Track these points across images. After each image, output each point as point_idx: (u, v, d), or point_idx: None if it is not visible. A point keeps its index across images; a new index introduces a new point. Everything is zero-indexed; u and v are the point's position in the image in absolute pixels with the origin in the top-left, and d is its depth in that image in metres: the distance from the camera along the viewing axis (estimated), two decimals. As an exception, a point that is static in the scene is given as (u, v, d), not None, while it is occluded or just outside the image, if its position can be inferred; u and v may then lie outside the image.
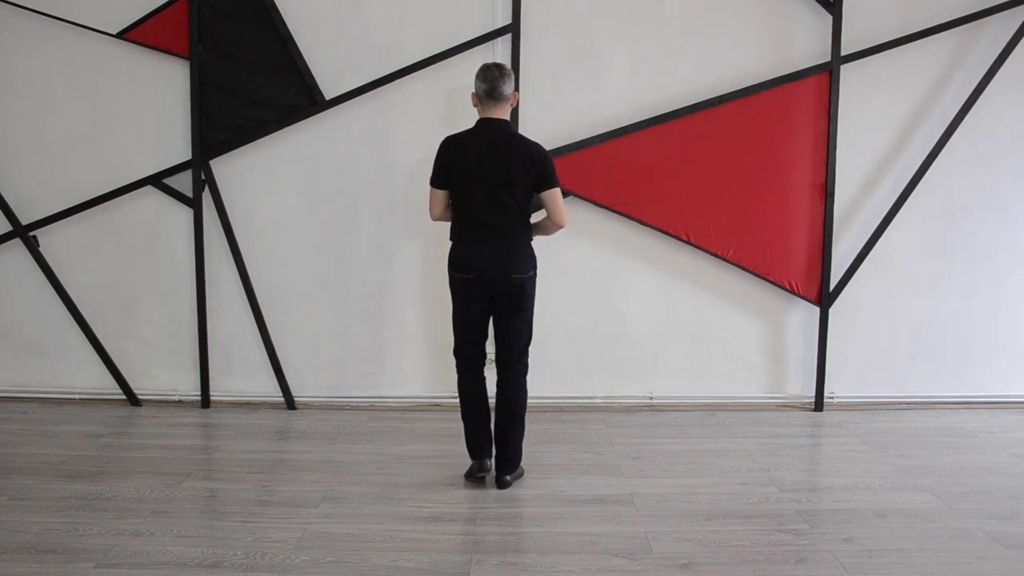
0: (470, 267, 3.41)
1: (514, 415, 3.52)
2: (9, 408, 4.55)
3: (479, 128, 3.42)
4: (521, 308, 3.46)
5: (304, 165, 4.52)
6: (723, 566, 2.87)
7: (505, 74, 3.39)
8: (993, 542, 3.05)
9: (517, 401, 3.53)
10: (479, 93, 3.40)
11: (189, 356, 4.66)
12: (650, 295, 4.65)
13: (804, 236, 4.56)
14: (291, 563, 2.87)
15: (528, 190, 3.40)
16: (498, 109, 3.40)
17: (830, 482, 3.66)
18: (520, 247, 3.43)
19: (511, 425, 3.52)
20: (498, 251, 3.39)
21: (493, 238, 3.39)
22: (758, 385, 4.73)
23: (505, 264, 3.38)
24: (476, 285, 3.42)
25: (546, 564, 2.88)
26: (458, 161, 3.39)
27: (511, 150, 3.36)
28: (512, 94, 3.42)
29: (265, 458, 3.89)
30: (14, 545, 2.96)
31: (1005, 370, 4.73)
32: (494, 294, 3.43)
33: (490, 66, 3.42)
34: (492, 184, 3.35)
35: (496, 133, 3.39)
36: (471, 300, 3.46)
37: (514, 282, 3.40)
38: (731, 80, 4.47)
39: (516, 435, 3.54)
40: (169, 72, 4.45)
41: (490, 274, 3.39)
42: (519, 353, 3.52)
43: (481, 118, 3.43)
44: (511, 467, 3.55)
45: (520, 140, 3.43)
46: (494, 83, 3.36)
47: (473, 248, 3.41)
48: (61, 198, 4.53)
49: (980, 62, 4.48)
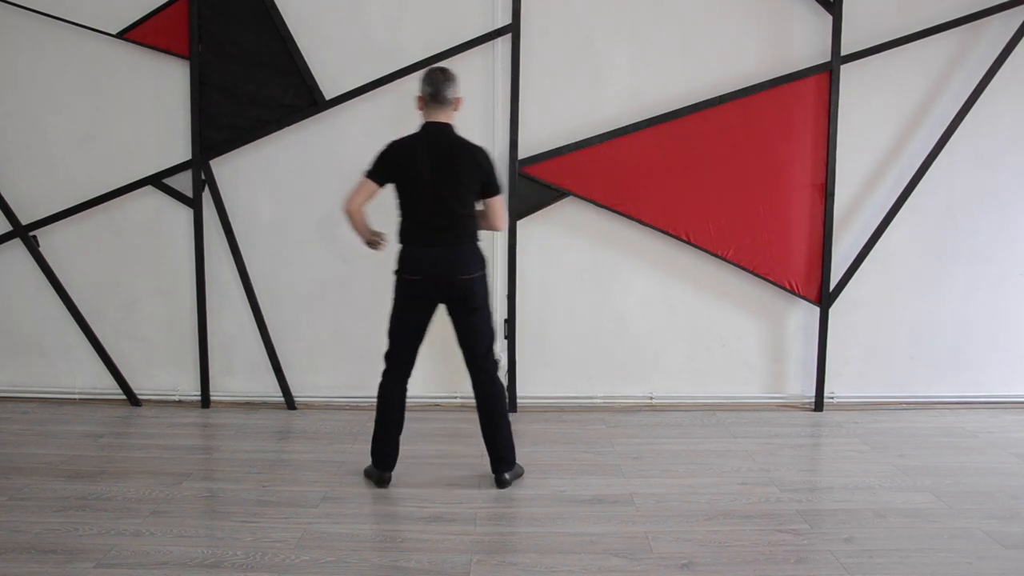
0: (418, 269, 3.41)
1: (495, 412, 3.52)
2: (9, 408, 4.55)
3: (424, 132, 3.43)
4: (474, 308, 3.45)
5: (304, 165, 4.52)
6: (723, 566, 2.87)
7: (449, 78, 3.41)
8: (993, 542, 3.05)
9: (495, 397, 3.53)
10: (424, 96, 3.42)
11: (189, 356, 4.66)
12: (650, 295, 4.65)
13: (804, 236, 4.56)
14: (291, 563, 2.87)
15: (474, 193, 3.42)
16: (442, 113, 3.42)
17: (830, 482, 3.66)
18: (467, 249, 3.43)
19: (496, 424, 3.52)
20: (446, 254, 3.39)
21: (441, 241, 3.39)
22: (758, 385, 4.74)
23: (453, 266, 3.39)
24: (424, 287, 3.41)
25: (546, 564, 2.88)
26: (404, 165, 3.39)
27: (458, 154, 3.38)
28: (456, 98, 3.43)
29: (265, 458, 3.89)
30: (14, 545, 2.96)
31: (1005, 370, 4.73)
32: (443, 297, 3.44)
33: (435, 70, 3.45)
34: (439, 188, 3.35)
35: (441, 137, 3.41)
36: (416, 302, 3.45)
37: (462, 283, 3.41)
38: (731, 80, 4.47)
39: (505, 432, 3.54)
40: (169, 72, 4.45)
41: (438, 276, 3.39)
42: (485, 352, 3.52)
43: (426, 122, 3.43)
44: (507, 465, 3.55)
45: (466, 144, 3.43)
46: (438, 86, 3.38)
47: (421, 251, 3.41)
48: (61, 198, 4.53)
49: (980, 62, 4.48)
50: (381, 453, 3.56)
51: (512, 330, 4.58)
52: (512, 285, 4.56)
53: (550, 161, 4.45)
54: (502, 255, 4.56)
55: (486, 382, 3.53)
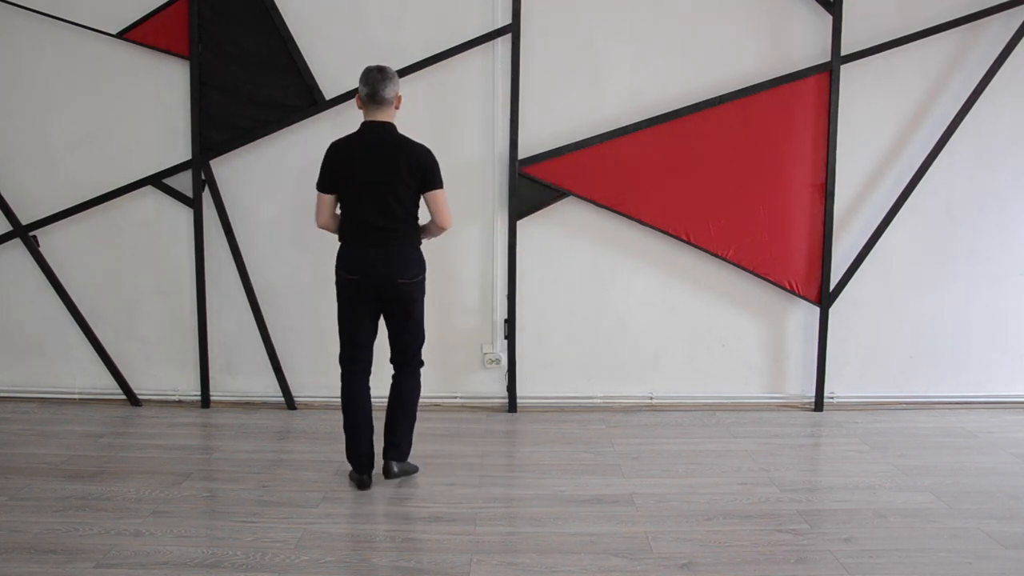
0: (356, 268, 3.39)
1: (404, 405, 3.51)
2: (9, 408, 4.55)
3: (363, 131, 3.41)
4: (409, 313, 3.45)
5: (304, 165, 4.51)
6: (723, 566, 2.87)
7: (387, 77, 3.37)
8: (993, 542, 3.05)
9: (409, 394, 3.53)
10: (362, 96, 3.40)
11: (189, 356, 4.66)
12: (650, 295, 4.65)
13: (804, 236, 4.56)
14: (291, 563, 2.87)
15: (414, 192, 3.40)
16: (381, 112, 3.39)
17: (830, 482, 3.66)
18: (406, 251, 3.41)
19: (401, 413, 3.51)
20: (384, 255, 3.37)
21: (379, 242, 3.37)
22: (758, 385, 4.74)
23: (391, 268, 3.37)
24: (362, 286, 3.40)
25: (546, 564, 2.88)
26: (344, 165, 3.39)
27: (396, 153, 3.36)
28: (396, 96, 3.41)
29: (265, 458, 3.89)
30: (14, 545, 2.96)
31: (1005, 370, 4.73)
32: (380, 297, 3.43)
33: (372, 69, 3.40)
34: (377, 187, 3.34)
35: (380, 136, 3.38)
36: (357, 302, 3.43)
37: (400, 286, 3.39)
38: (731, 80, 4.47)
39: (405, 423, 3.52)
40: (169, 72, 4.45)
41: (376, 276, 3.38)
42: (411, 355, 3.53)
43: (365, 121, 3.42)
44: (399, 454, 3.53)
45: (405, 142, 3.40)
46: (375, 86, 3.35)
47: (360, 250, 3.39)
48: (61, 198, 4.53)
49: (980, 62, 4.48)
50: (356, 455, 3.51)
51: (512, 330, 4.58)
52: (512, 285, 4.56)
53: (550, 161, 4.45)
54: (502, 255, 4.56)
55: (407, 377, 3.53)
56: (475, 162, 4.51)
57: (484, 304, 4.62)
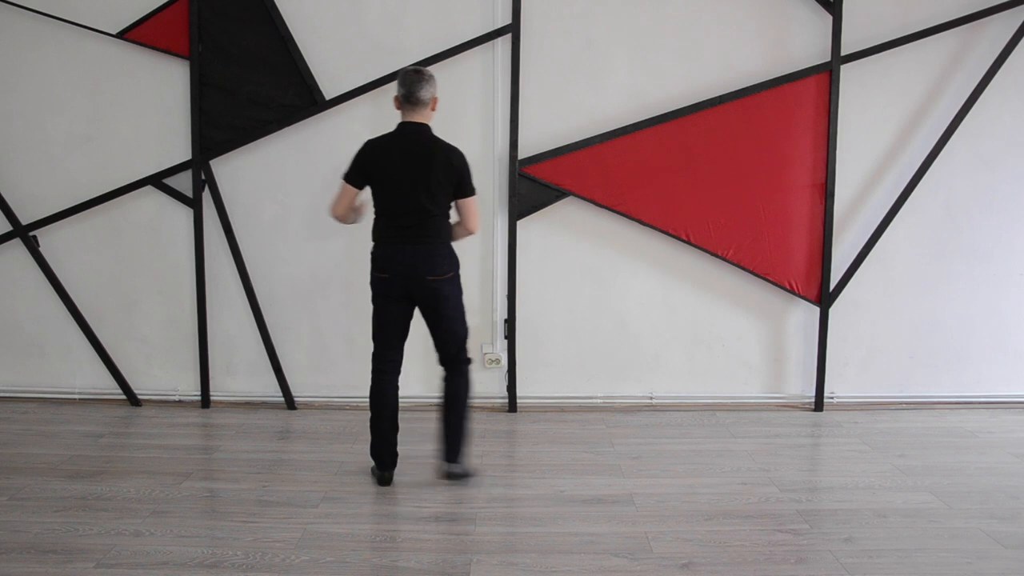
0: (388, 267, 3.43)
1: (458, 406, 3.53)
2: (9, 408, 4.55)
3: (400, 132, 3.43)
4: (444, 309, 3.47)
5: (304, 165, 4.52)
6: (723, 566, 2.87)
7: (424, 78, 3.40)
8: (993, 542, 3.05)
9: (460, 394, 3.54)
10: (399, 97, 3.42)
11: (189, 356, 4.66)
12: (650, 295, 4.65)
13: (804, 236, 4.56)
14: (291, 563, 2.87)
15: (448, 194, 3.43)
16: (417, 113, 3.42)
17: (830, 482, 3.66)
18: (437, 248, 3.44)
19: (455, 415, 3.52)
20: (416, 253, 3.40)
21: (411, 240, 3.40)
22: (758, 385, 4.74)
23: (422, 266, 3.40)
24: (393, 285, 3.43)
25: (546, 564, 2.88)
26: (379, 164, 3.41)
27: (432, 154, 3.38)
28: (432, 98, 3.43)
29: (265, 458, 3.89)
30: (14, 545, 2.96)
31: (1005, 370, 4.73)
32: (413, 296, 3.45)
33: (409, 71, 3.44)
34: (413, 187, 3.37)
35: (416, 137, 3.41)
36: (390, 300, 3.47)
37: (430, 284, 3.42)
38: (731, 80, 4.47)
39: (461, 425, 3.53)
40: (169, 72, 4.45)
41: (407, 275, 3.41)
42: (456, 351, 3.54)
43: (402, 122, 3.44)
44: (456, 455, 3.54)
45: (441, 145, 3.43)
46: (411, 87, 3.38)
47: (392, 249, 3.42)
48: (61, 198, 4.53)
49: (980, 62, 4.48)
50: (379, 453, 3.57)
51: (512, 330, 4.58)
52: (512, 285, 4.56)
53: (550, 161, 4.45)
54: (502, 255, 4.56)
55: (456, 376, 3.55)
56: (475, 162, 4.43)
57: (484, 304, 4.62)
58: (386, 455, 3.56)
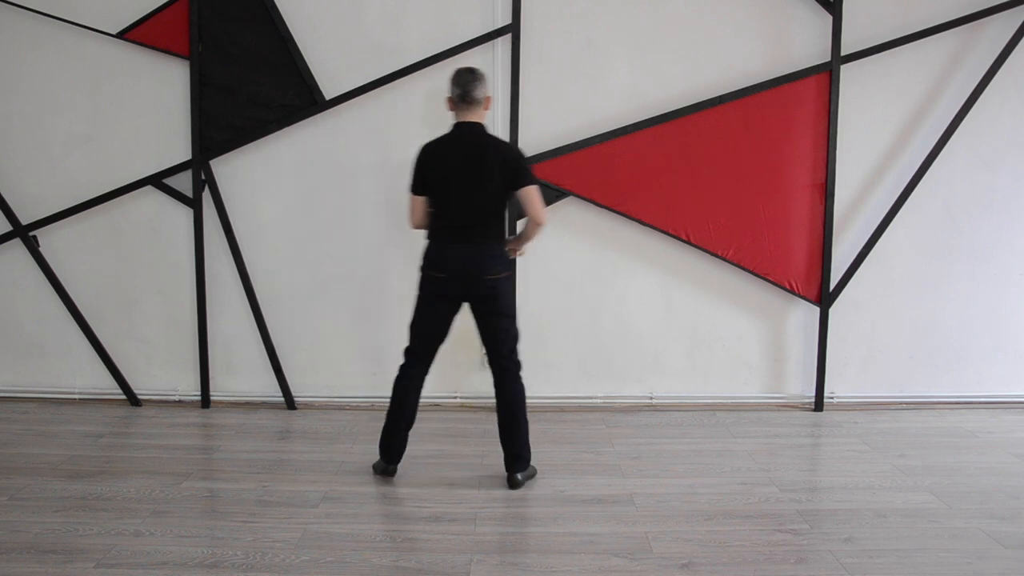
0: (444, 266, 3.43)
1: (516, 413, 3.53)
2: (9, 408, 4.55)
3: (455, 132, 3.45)
4: (499, 309, 3.47)
5: (304, 165, 4.52)
6: (723, 566, 2.87)
7: (477, 78, 3.42)
8: (993, 542, 3.05)
9: (516, 396, 3.53)
10: (453, 97, 3.44)
11: (189, 356, 4.66)
12: (650, 295, 4.65)
13: (804, 236, 4.56)
14: (291, 563, 2.87)
15: (503, 191, 3.43)
16: (472, 113, 3.43)
17: (830, 482, 3.66)
18: (493, 248, 3.45)
19: (515, 423, 3.53)
20: (471, 252, 3.41)
21: (467, 239, 3.41)
22: (758, 385, 4.74)
23: (477, 265, 3.40)
24: (448, 285, 3.44)
25: (546, 564, 2.88)
26: (436, 165, 3.43)
27: (486, 152, 3.40)
28: (485, 97, 3.44)
29: (265, 458, 3.89)
30: (14, 545, 2.96)
31: (1005, 370, 4.73)
32: (466, 295, 3.46)
33: (463, 71, 3.45)
34: (468, 186, 3.39)
35: (472, 136, 3.43)
36: (440, 299, 3.48)
37: (486, 283, 3.42)
38: (731, 80, 4.47)
39: (522, 432, 3.54)
40: (169, 72, 4.45)
41: (463, 274, 3.41)
42: (508, 352, 3.54)
43: (457, 122, 3.46)
44: (522, 464, 3.55)
45: (495, 142, 3.46)
46: (466, 87, 3.40)
47: (447, 248, 3.43)
48: (61, 198, 4.53)
49: (980, 62, 4.48)
50: (387, 446, 3.59)
51: (512, 330, 4.58)
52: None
53: (550, 161, 4.45)
54: (502, 255, 4.56)
55: (508, 380, 3.53)
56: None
57: (484, 304, 4.61)
58: (395, 449, 3.59)
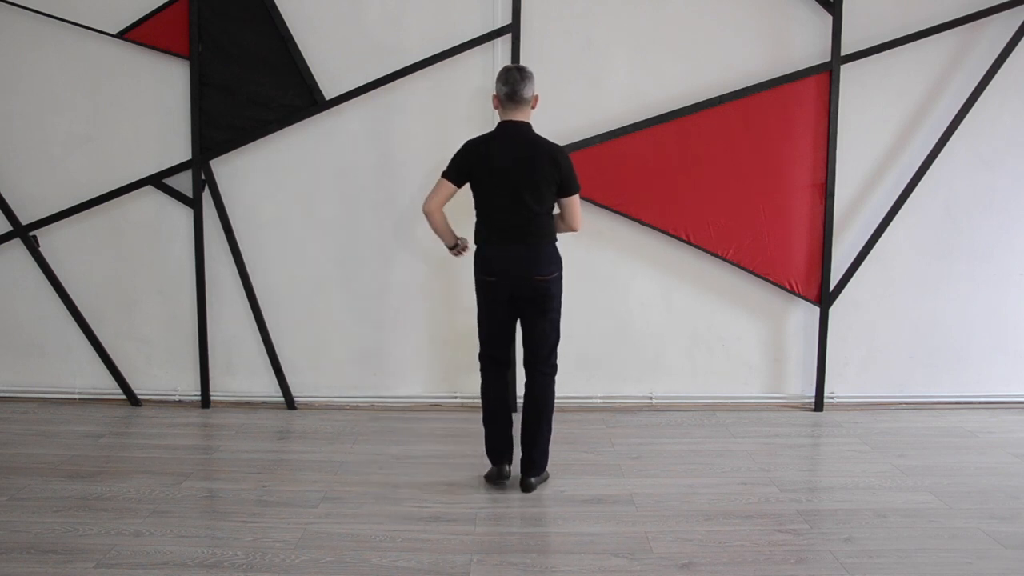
0: (494, 269, 3.41)
1: (541, 417, 3.52)
2: (9, 408, 4.55)
3: (501, 131, 3.40)
4: (546, 310, 3.45)
5: (304, 165, 4.52)
6: (723, 566, 2.87)
7: (526, 76, 3.35)
8: (993, 542, 3.05)
9: (545, 403, 3.52)
10: (500, 96, 3.37)
11: (189, 356, 4.66)
12: (650, 295, 4.65)
13: (804, 236, 4.56)
14: (291, 563, 2.87)
15: (551, 192, 3.39)
16: (519, 112, 3.38)
17: (830, 482, 3.66)
18: (544, 248, 3.42)
19: (538, 427, 3.52)
20: (522, 253, 3.38)
21: (517, 240, 3.38)
22: (758, 385, 4.74)
23: (528, 266, 3.38)
24: (500, 287, 3.41)
25: (546, 564, 2.88)
26: (482, 164, 3.37)
27: (534, 152, 3.34)
28: (533, 96, 3.40)
29: (265, 458, 3.89)
30: (14, 545, 2.96)
31: (1005, 370, 4.73)
32: (517, 296, 3.43)
33: (511, 68, 3.38)
34: (516, 187, 3.33)
35: (519, 136, 3.37)
36: (496, 303, 3.45)
37: (538, 284, 3.40)
38: (731, 80, 4.46)
39: (543, 437, 3.53)
40: (169, 72, 4.45)
41: (513, 276, 3.39)
42: (547, 355, 3.52)
43: (503, 121, 3.41)
44: (536, 469, 3.54)
45: (543, 143, 3.39)
46: (514, 86, 3.34)
47: (497, 250, 3.40)
48: (61, 198, 4.53)
49: (980, 62, 4.48)
50: (495, 449, 3.57)
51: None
52: (512, 285, 4.55)
53: (550, 161, 4.45)
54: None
55: (540, 384, 3.52)
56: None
57: (484, 304, 4.61)
58: (503, 448, 3.56)
